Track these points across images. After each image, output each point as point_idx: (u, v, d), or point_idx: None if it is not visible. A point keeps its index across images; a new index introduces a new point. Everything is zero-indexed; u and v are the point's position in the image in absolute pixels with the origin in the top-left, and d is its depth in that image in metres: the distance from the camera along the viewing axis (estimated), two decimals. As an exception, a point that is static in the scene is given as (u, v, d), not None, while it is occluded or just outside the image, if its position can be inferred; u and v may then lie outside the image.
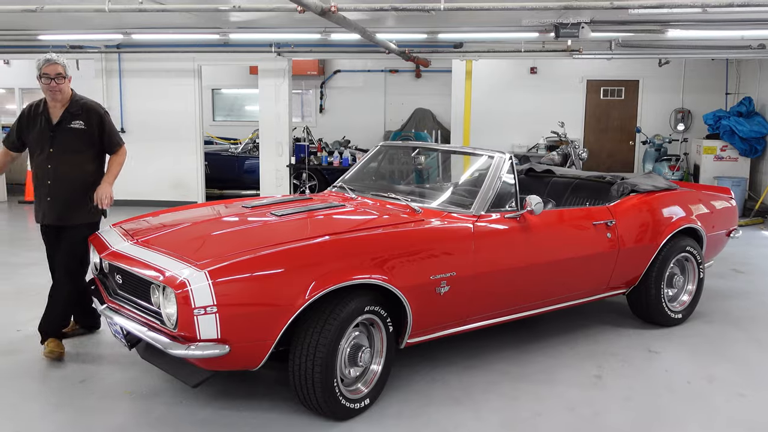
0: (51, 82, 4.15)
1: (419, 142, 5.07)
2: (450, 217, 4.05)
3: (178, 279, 3.12)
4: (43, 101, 4.30)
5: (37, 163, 4.27)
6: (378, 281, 3.47)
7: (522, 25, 7.81)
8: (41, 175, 4.25)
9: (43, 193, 4.25)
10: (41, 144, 4.24)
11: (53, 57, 4.18)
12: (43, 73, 4.15)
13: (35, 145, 4.28)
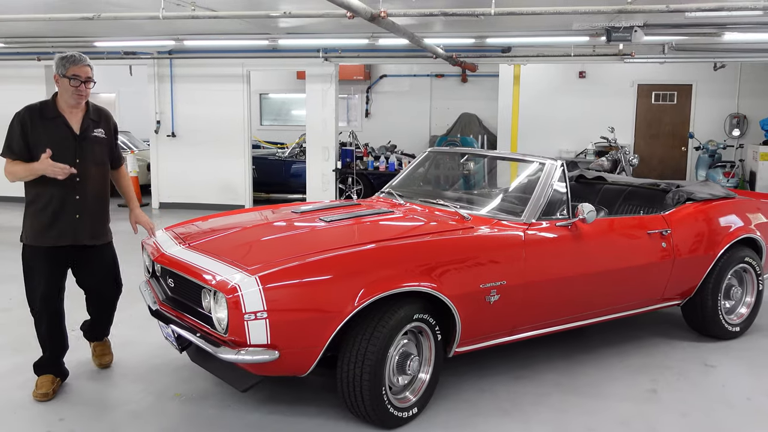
0: (81, 85, 3.69)
1: (468, 148, 5.03)
2: (500, 224, 3.99)
3: (229, 284, 3.14)
4: (49, 105, 3.75)
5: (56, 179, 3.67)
6: (427, 289, 3.44)
7: (572, 29, 7.69)
8: (64, 190, 3.71)
9: (68, 210, 3.74)
10: (62, 155, 3.66)
11: (84, 57, 3.74)
12: (73, 75, 3.66)
13: (53, 149, 3.64)
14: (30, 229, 3.78)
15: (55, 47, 10.60)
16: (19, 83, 11.35)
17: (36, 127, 3.68)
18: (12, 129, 3.71)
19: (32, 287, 3.84)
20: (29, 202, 3.80)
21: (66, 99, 3.73)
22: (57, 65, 3.70)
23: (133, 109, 14.60)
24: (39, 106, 3.76)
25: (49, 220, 3.73)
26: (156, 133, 11.14)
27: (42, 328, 3.88)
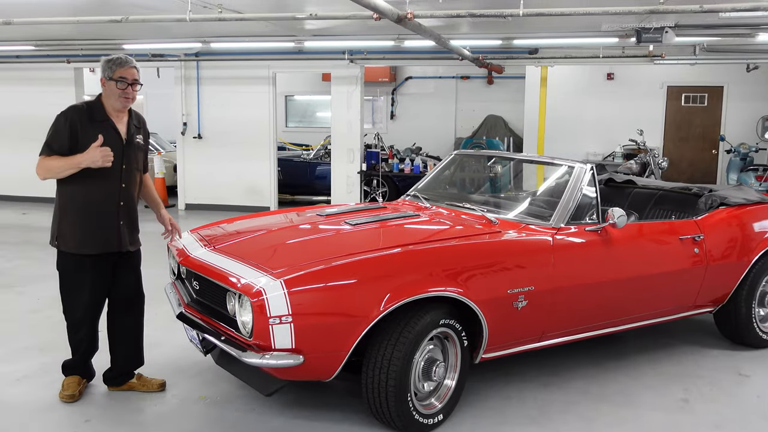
0: (128, 87, 3.60)
1: (495, 151, 4.96)
2: (528, 229, 3.92)
3: (254, 287, 3.12)
4: (97, 107, 3.63)
5: (102, 182, 3.58)
6: (454, 294, 3.39)
7: (601, 30, 7.57)
8: (109, 196, 3.63)
9: (114, 216, 3.64)
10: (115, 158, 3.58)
11: (131, 59, 3.66)
12: (120, 77, 3.57)
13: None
14: (71, 236, 3.61)
15: (84, 50, 10.73)
16: (49, 85, 11.50)
17: (86, 130, 3.53)
18: (58, 128, 3.54)
19: (75, 298, 3.69)
20: (67, 207, 3.62)
21: (113, 102, 3.62)
22: (103, 68, 3.60)
23: (160, 111, 14.71)
24: (86, 107, 3.62)
25: (94, 227, 3.60)
26: (182, 134, 11.21)
27: (78, 336, 3.78)
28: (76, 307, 3.73)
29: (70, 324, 3.80)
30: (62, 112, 3.59)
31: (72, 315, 3.77)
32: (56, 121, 3.57)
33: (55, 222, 3.69)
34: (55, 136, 3.54)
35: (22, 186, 11.85)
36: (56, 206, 3.70)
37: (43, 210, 10.96)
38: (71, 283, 3.70)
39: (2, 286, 6.24)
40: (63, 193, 3.63)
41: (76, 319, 3.76)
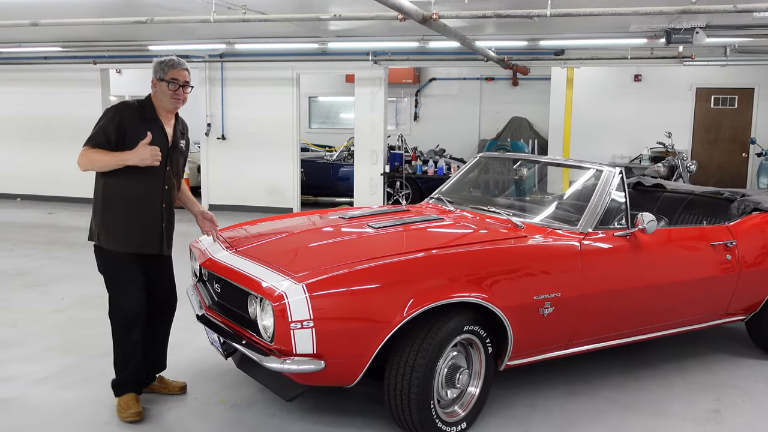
0: (179, 89, 3.57)
1: (521, 154, 4.86)
2: (554, 234, 3.83)
3: (275, 291, 3.07)
4: (148, 106, 3.60)
5: (146, 182, 3.55)
6: (478, 300, 3.31)
7: (629, 31, 7.45)
8: (152, 197, 3.59)
9: (156, 217, 3.61)
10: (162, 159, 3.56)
11: (182, 60, 3.62)
12: (172, 78, 3.53)
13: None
14: (114, 233, 3.54)
15: (110, 51, 10.82)
16: (76, 86, 11.63)
17: (135, 127, 3.49)
18: (107, 121, 3.48)
19: (124, 294, 3.57)
20: (110, 202, 3.53)
21: (164, 103, 3.58)
22: (155, 69, 3.57)
23: (184, 112, 14.72)
24: (137, 105, 3.59)
25: (138, 225, 3.55)
26: (206, 135, 11.25)
27: (132, 339, 3.60)
28: (126, 306, 3.57)
29: (122, 325, 3.60)
30: (113, 105, 3.58)
31: (123, 312, 3.58)
32: (105, 113, 3.53)
33: (96, 217, 3.59)
34: (103, 128, 3.47)
35: (49, 186, 12.01)
36: (97, 201, 3.60)
37: (69, 209, 11.11)
38: (119, 279, 3.58)
39: (27, 286, 6.28)
40: (106, 188, 3.55)
41: (129, 315, 3.57)
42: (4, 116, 12.21)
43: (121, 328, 3.62)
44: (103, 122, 3.50)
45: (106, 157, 3.44)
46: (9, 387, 4.00)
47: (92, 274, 3.65)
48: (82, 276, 6.43)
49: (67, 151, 11.68)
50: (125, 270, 3.57)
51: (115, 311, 3.62)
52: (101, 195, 3.57)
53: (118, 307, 3.60)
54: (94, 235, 3.60)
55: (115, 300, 3.61)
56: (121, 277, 3.57)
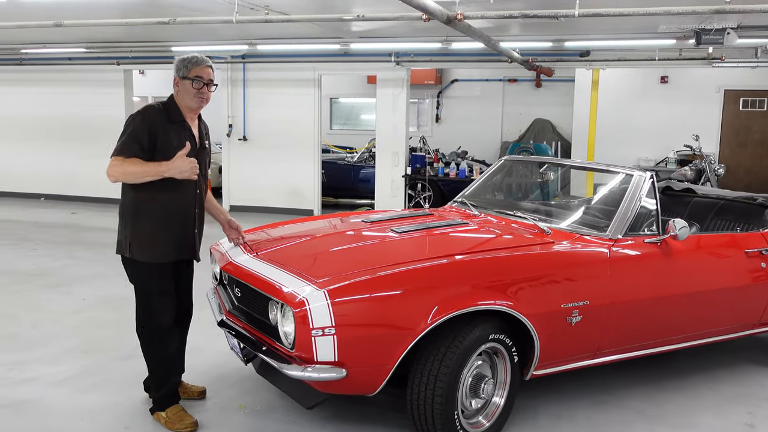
0: (203, 87, 3.43)
1: (546, 157, 4.74)
2: (583, 240, 3.72)
3: (296, 297, 3.01)
4: (173, 107, 3.45)
5: (179, 189, 3.40)
6: (504, 308, 3.22)
7: (657, 32, 7.29)
8: (185, 203, 3.46)
9: (191, 223, 3.50)
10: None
11: (206, 58, 3.49)
12: (196, 76, 3.39)
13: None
14: (149, 244, 3.39)
15: (133, 52, 10.86)
16: (99, 87, 11.69)
17: (165, 131, 3.35)
18: (135, 128, 3.31)
19: (160, 308, 3.46)
20: (142, 213, 3.38)
21: (187, 102, 3.43)
22: (177, 67, 3.43)
23: (206, 112, 14.76)
24: (162, 107, 3.42)
25: (173, 234, 3.42)
26: (228, 136, 11.25)
27: (169, 352, 3.53)
28: (162, 319, 3.46)
29: (159, 339, 3.50)
30: (138, 111, 3.39)
31: (159, 325, 3.47)
32: (132, 120, 3.35)
33: (126, 228, 3.42)
34: (132, 136, 3.29)
35: (72, 186, 12.10)
36: (126, 212, 3.43)
37: (92, 209, 11.18)
38: (152, 291, 3.45)
39: (48, 286, 6.28)
40: (137, 198, 3.38)
41: (165, 328, 3.48)
42: (29, 117, 12.31)
43: (158, 341, 3.51)
44: (132, 129, 3.32)
45: (141, 168, 3.27)
46: (28, 389, 3.98)
47: (113, 275, 3.61)
48: (104, 276, 6.42)
49: (90, 151, 11.92)
50: (159, 281, 3.44)
51: (150, 325, 3.50)
52: (131, 206, 3.40)
53: (154, 320, 3.48)
54: (125, 248, 3.42)
55: (150, 314, 3.49)
56: (156, 289, 3.45)
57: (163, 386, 3.56)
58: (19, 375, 4.17)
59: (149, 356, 3.57)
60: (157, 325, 3.49)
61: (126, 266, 3.51)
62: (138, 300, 3.54)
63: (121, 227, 3.46)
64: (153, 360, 3.56)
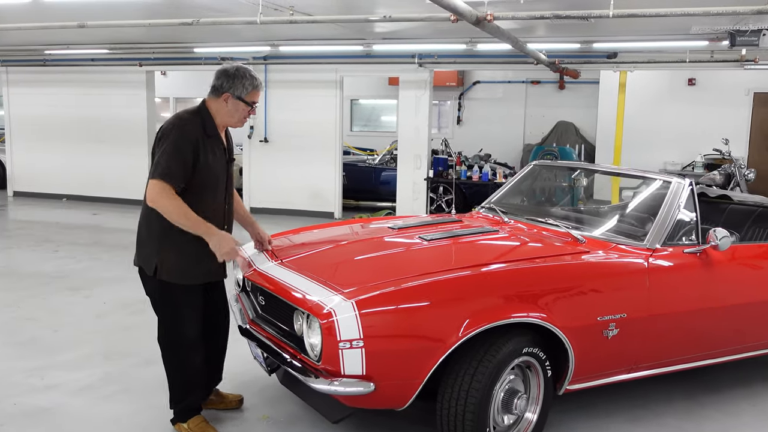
0: (252, 110, 3.36)
1: (578, 163, 4.59)
2: (619, 249, 3.58)
3: (323, 308, 2.90)
4: (208, 120, 3.26)
5: (211, 206, 3.28)
6: (539, 320, 3.09)
7: (690, 33, 7.09)
8: (216, 220, 3.29)
9: None
10: (218, 181, 3.31)
11: (260, 78, 3.37)
12: (253, 102, 3.31)
13: (213, 179, 3.26)
14: (177, 267, 3.25)
15: (155, 53, 10.84)
16: (121, 88, 11.70)
17: (204, 146, 3.18)
18: (179, 145, 3.11)
19: (184, 322, 3.32)
20: (171, 235, 3.19)
21: (227, 119, 3.30)
22: (235, 85, 3.21)
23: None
24: (197, 120, 3.22)
25: (203, 256, 3.22)
26: (249, 138, 11.20)
27: (194, 366, 3.39)
28: (190, 328, 3.34)
29: (183, 349, 3.36)
30: (179, 127, 3.17)
31: (184, 339, 3.34)
32: (176, 139, 3.12)
33: (152, 248, 3.26)
34: (178, 156, 3.10)
35: (94, 187, 12.12)
36: (154, 231, 3.25)
37: (113, 210, 11.18)
38: (180, 309, 3.32)
39: (69, 289, 6.25)
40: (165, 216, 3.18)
41: (191, 342, 3.35)
42: (52, 117, 12.36)
43: (180, 353, 3.38)
44: (175, 147, 3.12)
45: (187, 222, 3.12)
46: (49, 396, 3.92)
47: (134, 278, 3.52)
48: (124, 280, 6.38)
49: (112, 152, 11.92)
50: (187, 298, 3.30)
51: (174, 338, 3.37)
52: (160, 225, 3.19)
53: (178, 334, 3.35)
54: (150, 267, 3.25)
55: (175, 331, 3.35)
56: (184, 306, 3.32)
57: (182, 400, 3.45)
58: (40, 382, 4.11)
59: (169, 367, 3.46)
60: (182, 336, 3.36)
61: (146, 282, 3.36)
62: (160, 314, 3.40)
63: (145, 241, 3.31)
64: (173, 371, 3.45)
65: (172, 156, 3.11)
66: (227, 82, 3.24)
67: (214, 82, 3.29)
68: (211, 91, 3.30)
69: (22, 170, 12.77)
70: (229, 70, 3.26)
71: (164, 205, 3.11)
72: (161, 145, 3.17)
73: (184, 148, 3.13)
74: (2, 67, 12.46)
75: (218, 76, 3.28)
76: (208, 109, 3.30)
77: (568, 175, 4.97)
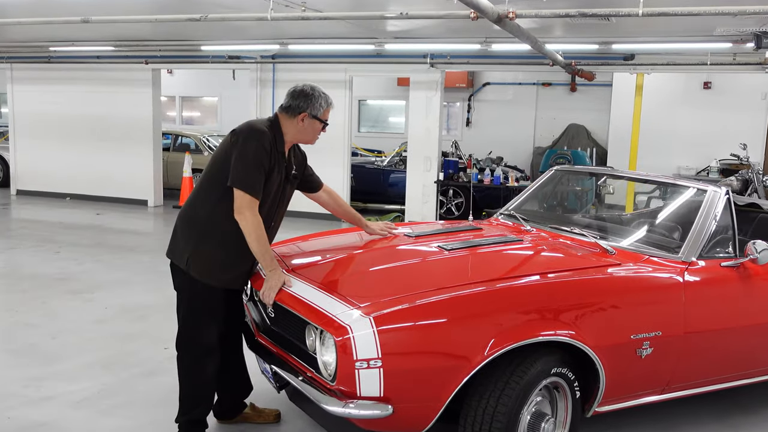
0: (324, 129, 3.35)
1: (604, 168, 4.38)
2: (652, 262, 3.36)
3: (339, 324, 2.69)
4: (278, 136, 3.22)
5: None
6: (569, 339, 2.87)
7: (712, 35, 6.86)
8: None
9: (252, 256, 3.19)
10: (271, 200, 3.25)
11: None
12: (326, 120, 3.32)
13: (266, 197, 3.19)
14: (207, 267, 3.19)
15: (161, 50, 10.65)
16: (127, 86, 11.51)
17: (273, 160, 3.16)
18: (259, 158, 3.08)
19: (202, 326, 3.24)
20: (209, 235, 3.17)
21: (300, 137, 3.30)
22: (311, 105, 3.23)
23: (235, 112, 14.62)
24: (271, 133, 3.18)
25: (233, 263, 3.22)
26: (256, 138, 10.98)
27: (205, 374, 3.26)
28: (207, 334, 3.25)
29: (196, 357, 3.25)
30: (258, 138, 3.11)
31: (199, 344, 3.24)
32: (256, 150, 3.08)
33: (190, 241, 3.20)
34: (257, 170, 3.08)
35: (98, 186, 11.94)
36: (195, 226, 3.21)
37: (116, 210, 11.01)
38: (201, 311, 3.25)
39: (70, 293, 6.04)
40: (213, 216, 3.17)
41: (205, 348, 3.24)
42: (56, 115, 12.18)
43: (195, 360, 3.26)
44: (255, 159, 3.08)
45: (258, 240, 3.09)
46: (45, 410, 3.71)
47: (137, 281, 3.34)
48: (126, 283, 6.17)
49: (117, 151, 11.73)
50: (210, 300, 3.23)
51: (190, 342, 3.26)
52: (203, 221, 3.18)
53: (194, 337, 3.25)
54: (182, 260, 3.20)
55: (191, 331, 3.26)
56: (205, 309, 3.24)
57: (189, 411, 3.27)
58: (36, 393, 3.91)
59: (182, 372, 3.30)
60: (195, 344, 3.25)
61: (176, 274, 3.31)
62: (181, 312, 3.29)
63: (185, 236, 3.24)
64: (185, 379, 3.28)
65: (253, 168, 3.09)
66: (304, 102, 3.24)
67: (289, 102, 3.28)
68: (286, 110, 3.28)
69: (25, 168, 12.59)
70: (306, 89, 3.27)
71: (249, 218, 3.07)
72: (239, 152, 3.10)
73: (263, 161, 3.11)
74: (7, 64, 12.27)
75: (295, 96, 3.27)
76: (280, 125, 3.27)
77: (592, 181, 4.74)
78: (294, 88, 3.30)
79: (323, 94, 3.31)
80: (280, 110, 3.30)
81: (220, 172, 3.16)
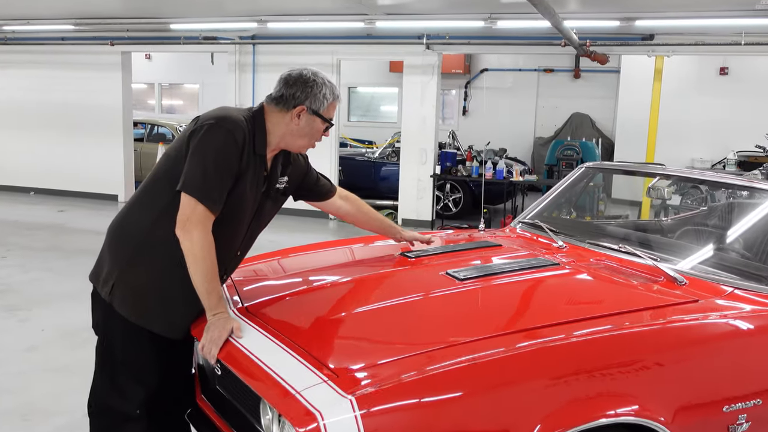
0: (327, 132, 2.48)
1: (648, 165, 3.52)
2: (743, 299, 2.45)
3: (303, 406, 1.77)
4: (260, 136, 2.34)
5: (218, 242, 2.25)
6: (639, 419, 1.98)
7: (753, 9, 5.95)
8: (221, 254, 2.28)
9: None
10: (240, 215, 2.36)
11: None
12: (331, 117, 2.45)
13: (239, 213, 2.35)
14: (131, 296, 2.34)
15: (130, 31, 9.69)
16: (94, 71, 10.58)
17: (246, 164, 2.29)
18: (226, 157, 2.22)
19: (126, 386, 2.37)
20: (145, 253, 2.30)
21: (291, 141, 2.41)
22: (314, 96, 2.35)
23: (216, 101, 13.67)
24: (251, 132, 2.30)
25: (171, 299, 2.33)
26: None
27: None
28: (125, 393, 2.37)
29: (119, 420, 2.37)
30: (223, 127, 2.23)
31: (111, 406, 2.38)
32: (224, 147, 2.21)
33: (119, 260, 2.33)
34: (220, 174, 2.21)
35: (65, 180, 10.99)
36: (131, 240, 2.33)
37: (82, 207, 10.14)
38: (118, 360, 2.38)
39: (6, 309, 5.15)
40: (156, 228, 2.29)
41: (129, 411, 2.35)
42: (16, 102, 11.20)
43: (109, 430, 2.40)
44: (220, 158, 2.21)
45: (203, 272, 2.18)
46: None
47: (88, 296, 2.41)
48: (76, 297, 5.25)
49: (85, 142, 10.74)
50: (139, 349, 2.34)
51: (103, 403, 2.39)
52: (140, 235, 2.31)
53: (111, 397, 2.37)
54: (102, 284, 2.34)
55: (108, 389, 2.38)
56: (129, 359, 2.36)
57: None
58: None
59: None
60: (115, 405, 2.36)
61: (96, 306, 2.42)
62: (98, 360, 2.42)
63: (112, 254, 2.36)
64: None
65: (214, 168, 2.20)
66: (303, 91, 2.35)
67: (282, 91, 2.36)
68: (276, 100, 2.37)
69: (-15, 161, 11.62)
70: (306, 74, 2.37)
71: (196, 239, 2.19)
72: (198, 144, 2.22)
73: (231, 160, 2.24)
74: (-42, 46, 11.28)
75: (291, 84, 2.36)
76: (265, 121, 2.37)
77: (630, 182, 3.84)
78: (289, 72, 2.39)
79: (328, 82, 2.42)
80: (268, 101, 2.40)
81: (170, 171, 2.26)
